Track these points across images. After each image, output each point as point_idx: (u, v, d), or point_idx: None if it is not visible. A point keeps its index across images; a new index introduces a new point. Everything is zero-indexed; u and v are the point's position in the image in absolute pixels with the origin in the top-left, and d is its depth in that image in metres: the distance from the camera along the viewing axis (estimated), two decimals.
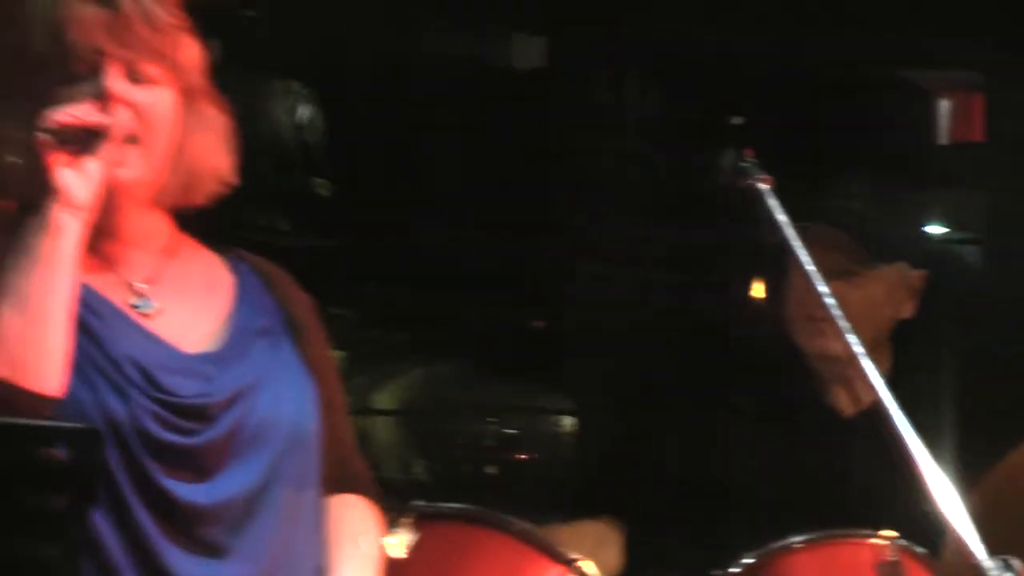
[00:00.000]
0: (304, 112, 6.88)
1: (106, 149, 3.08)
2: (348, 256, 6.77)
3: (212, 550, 3.15)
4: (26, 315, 3.04)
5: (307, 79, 6.82)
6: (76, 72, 3.15)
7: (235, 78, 5.91)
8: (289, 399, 3.28)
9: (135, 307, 3.23)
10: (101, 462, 2.93)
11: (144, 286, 3.25)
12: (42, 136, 3.06)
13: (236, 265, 3.39)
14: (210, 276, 3.36)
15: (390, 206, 6.50)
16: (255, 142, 6.17)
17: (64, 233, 3.08)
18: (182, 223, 3.31)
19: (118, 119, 3.10)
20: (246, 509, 3.19)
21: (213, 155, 3.27)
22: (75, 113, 3.06)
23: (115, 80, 3.12)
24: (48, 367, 3.05)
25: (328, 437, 3.32)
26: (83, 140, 3.07)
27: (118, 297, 3.21)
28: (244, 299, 3.35)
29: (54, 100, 3.12)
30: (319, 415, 3.30)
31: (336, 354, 6.65)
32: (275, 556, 3.22)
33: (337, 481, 3.35)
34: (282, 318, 3.38)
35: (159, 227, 3.28)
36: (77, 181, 3.06)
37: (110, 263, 3.23)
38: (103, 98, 3.12)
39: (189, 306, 3.29)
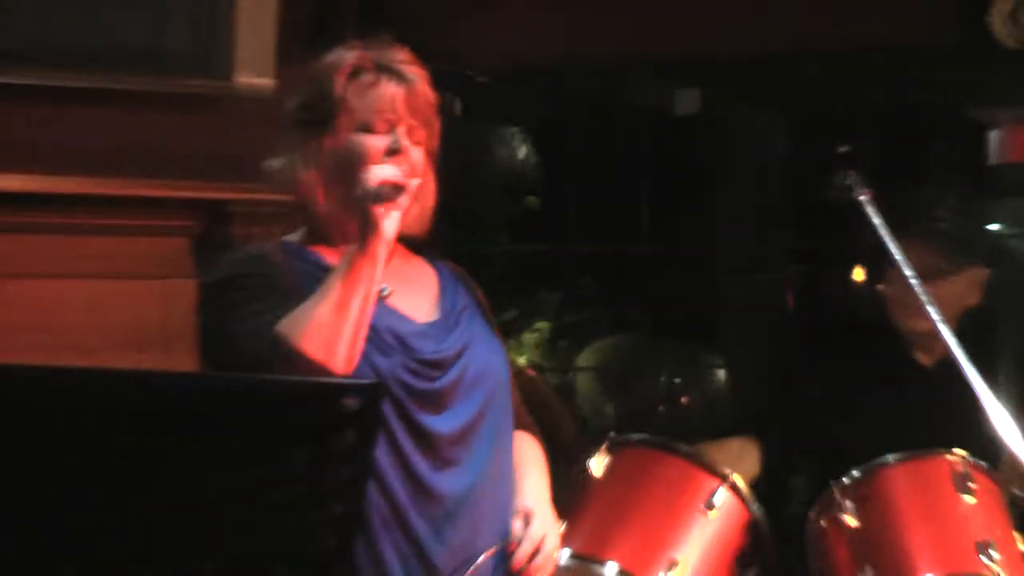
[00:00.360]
0: (522, 151, 6.97)
1: (402, 198, 3.06)
2: (554, 254, 6.86)
3: (449, 464, 3.21)
4: (343, 319, 3.01)
5: (525, 126, 6.89)
6: (372, 128, 3.19)
7: (474, 127, 6.06)
8: (491, 356, 3.35)
9: (380, 292, 3.17)
10: (380, 406, 2.92)
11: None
12: (371, 191, 3.05)
13: (435, 264, 3.44)
14: (419, 273, 3.41)
15: (584, 217, 6.59)
16: (489, 173, 6.36)
17: (379, 261, 3.05)
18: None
19: (405, 171, 3.12)
20: (469, 433, 3.25)
21: (430, 198, 3.32)
22: (391, 173, 3.07)
23: (404, 138, 3.18)
24: (352, 355, 3.04)
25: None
26: (393, 194, 3.05)
27: None
28: (445, 287, 3.40)
29: (361, 152, 3.17)
30: (508, 370, 3.40)
31: (547, 325, 6.83)
32: (489, 468, 3.27)
33: (515, 420, 3.43)
34: (471, 300, 3.43)
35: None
36: (390, 224, 3.04)
37: None
38: (398, 152, 3.16)
39: (411, 292, 3.32)
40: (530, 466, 3.44)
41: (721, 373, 6.42)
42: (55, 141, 5.29)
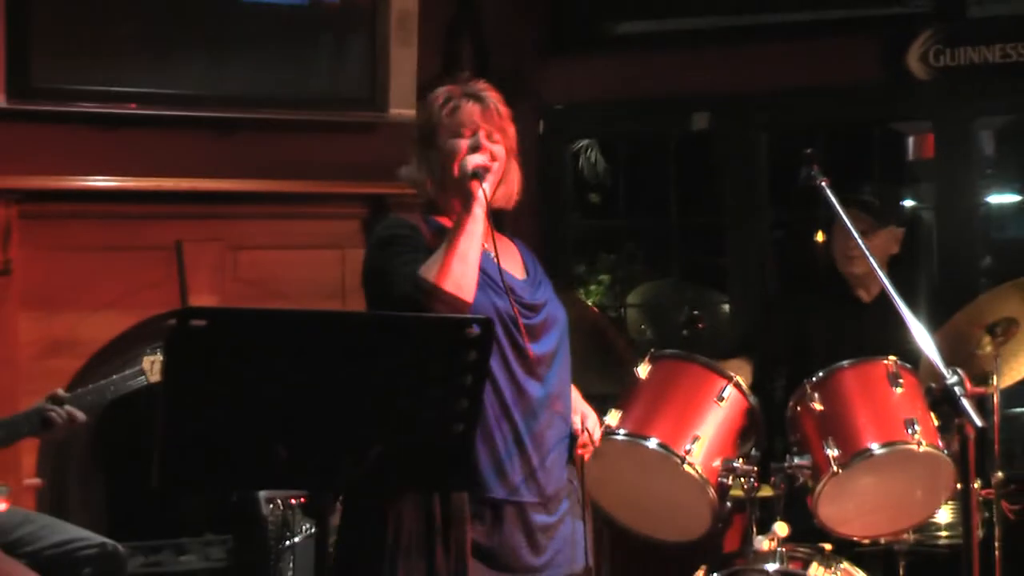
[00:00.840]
0: (592, 156, 6.93)
1: (489, 177, 3.11)
2: (611, 228, 6.81)
3: (539, 377, 3.17)
4: (463, 262, 3.02)
5: (594, 138, 6.84)
6: (462, 134, 3.17)
7: (553, 142, 6.02)
8: (558, 309, 3.28)
9: (491, 255, 3.16)
10: (493, 334, 2.91)
11: (487, 245, 3.15)
12: (469, 170, 3.08)
13: (514, 240, 3.37)
14: (509, 246, 3.33)
15: (630, 201, 6.46)
16: (564, 171, 6.36)
17: (479, 219, 3.06)
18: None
19: (490, 160, 3.13)
20: (550, 357, 3.21)
21: (516, 184, 3.27)
22: (480, 160, 3.10)
23: (484, 139, 3.16)
24: (471, 287, 3.03)
25: None
26: (483, 173, 3.09)
27: (485, 248, 3.18)
28: (526, 256, 3.35)
29: (451, 149, 3.15)
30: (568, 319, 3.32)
31: (606, 277, 6.80)
32: (561, 382, 3.23)
33: None
34: (541, 270, 3.35)
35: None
36: (483, 193, 3.08)
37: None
38: (478, 148, 3.14)
39: (509, 258, 3.27)
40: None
41: (726, 307, 6.29)
42: (272, 156, 5.37)
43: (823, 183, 3.48)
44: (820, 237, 5.08)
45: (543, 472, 3.16)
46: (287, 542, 4.64)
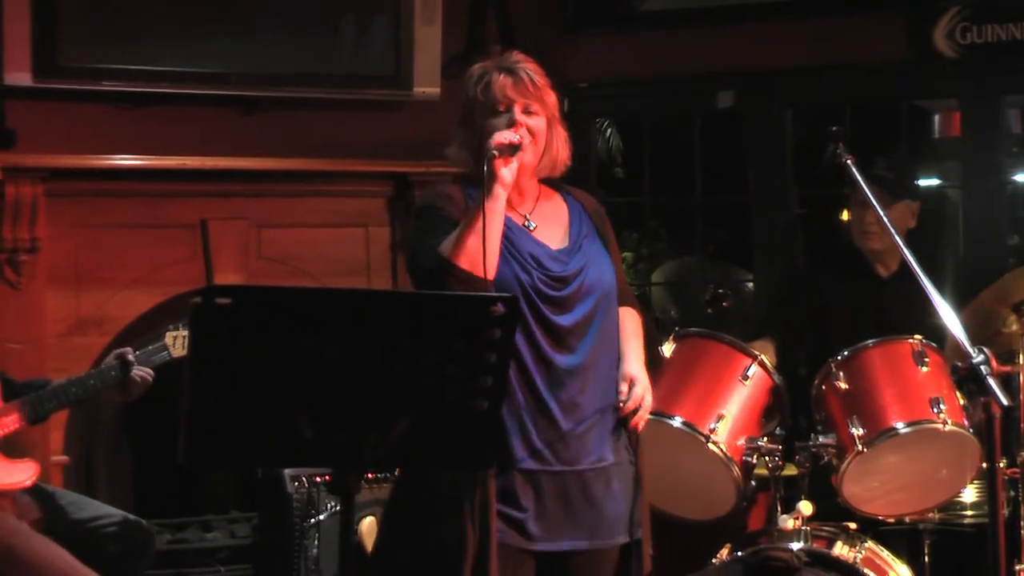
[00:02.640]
0: (611, 136, 6.92)
1: (519, 153, 3.10)
2: (635, 205, 6.81)
3: (568, 349, 3.17)
4: (480, 240, 3.01)
5: (612, 120, 6.83)
6: (498, 110, 3.17)
7: (577, 120, 6.04)
8: (603, 271, 3.26)
9: (526, 226, 3.23)
10: (518, 312, 2.91)
11: (529, 215, 3.25)
12: (491, 150, 3.07)
13: (566, 197, 3.35)
14: (556, 207, 3.32)
15: (655, 179, 6.39)
16: (588, 151, 6.37)
17: (500, 198, 3.07)
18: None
19: (522, 136, 3.12)
20: (584, 326, 3.19)
21: (562, 151, 3.26)
22: (506, 137, 3.09)
23: (518, 114, 3.16)
24: (489, 265, 3.03)
25: (619, 281, 3.32)
26: (509, 151, 3.09)
27: (519, 221, 3.23)
28: (574, 217, 3.31)
29: (489, 128, 3.15)
30: (616, 278, 3.30)
31: (630, 255, 6.79)
32: (598, 349, 3.21)
33: (622, 298, 3.33)
34: (594, 227, 3.33)
35: (535, 185, 3.28)
36: (507, 172, 3.08)
37: (514, 204, 3.22)
38: (513, 124, 3.14)
39: (549, 225, 3.27)
40: (631, 338, 3.33)
41: (750, 285, 6.30)
42: (297, 134, 5.37)
43: (849, 161, 3.48)
44: (846, 216, 5.05)
45: (576, 440, 3.16)
46: (312, 520, 4.65)
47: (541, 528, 3.14)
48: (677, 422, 3.75)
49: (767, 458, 3.80)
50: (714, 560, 3.83)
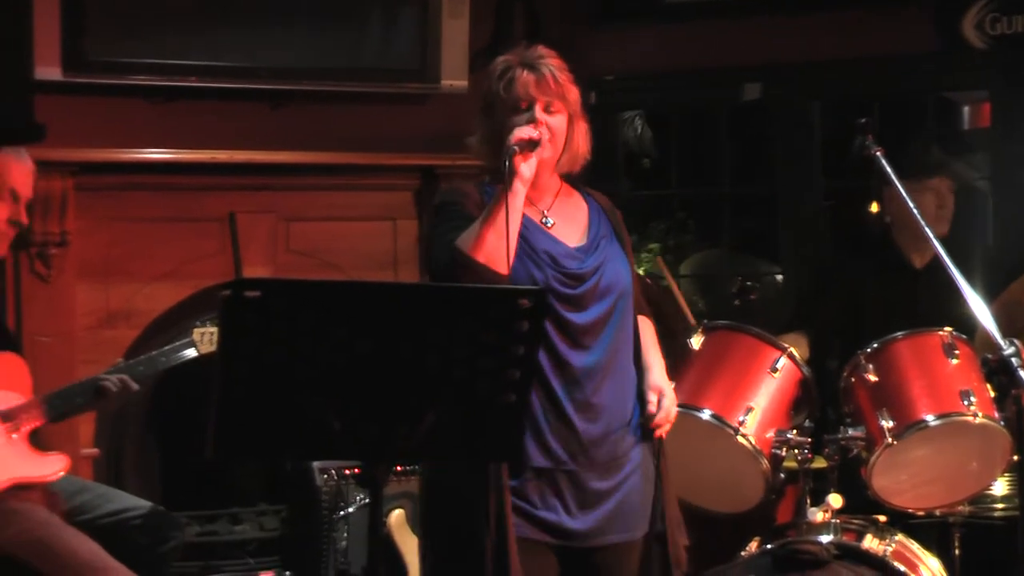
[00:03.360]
0: (639, 127, 6.90)
1: (538, 150, 3.08)
2: (662, 197, 6.71)
3: (583, 347, 3.16)
4: (498, 235, 3.01)
5: (641, 110, 6.79)
6: (520, 108, 3.16)
7: (604, 113, 6.01)
8: (620, 272, 3.25)
9: (543, 223, 3.21)
10: (547, 305, 2.94)
11: (547, 211, 3.23)
12: (511, 147, 3.05)
13: (586, 197, 3.33)
14: (576, 205, 3.30)
15: (682, 171, 6.40)
16: (616, 141, 6.34)
17: (519, 194, 3.05)
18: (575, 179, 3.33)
19: (541, 132, 3.10)
20: (600, 325, 3.18)
21: (583, 146, 3.24)
22: (526, 133, 3.07)
23: (539, 112, 3.14)
24: (505, 260, 3.01)
25: (634, 291, 3.30)
26: (529, 147, 3.07)
27: (536, 218, 3.21)
28: (593, 217, 3.29)
29: (511, 126, 3.13)
30: (632, 278, 3.29)
31: (657, 246, 6.75)
32: (616, 347, 3.20)
33: (637, 307, 3.31)
34: (611, 227, 3.32)
35: (555, 182, 3.26)
36: (526, 168, 3.06)
37: (532, 201, 3.19)
38: (534, 121, 3.12)
39: (568, 222, 3.25)
40: (652, 349, 3.33)
41: (779, 277, 6.26)
42: (324, 128, 5.38)
43: (877, 153, 3.47)
44: (874, 208, 5.03)
45: (593, 438, 3.14)
46: (341, 512, 4.66)
47: (561, 524, 3.13)
48: (706, 415, 3.75)
49: (796, 451, 3.79)
50: (743, 553, 3.82)
